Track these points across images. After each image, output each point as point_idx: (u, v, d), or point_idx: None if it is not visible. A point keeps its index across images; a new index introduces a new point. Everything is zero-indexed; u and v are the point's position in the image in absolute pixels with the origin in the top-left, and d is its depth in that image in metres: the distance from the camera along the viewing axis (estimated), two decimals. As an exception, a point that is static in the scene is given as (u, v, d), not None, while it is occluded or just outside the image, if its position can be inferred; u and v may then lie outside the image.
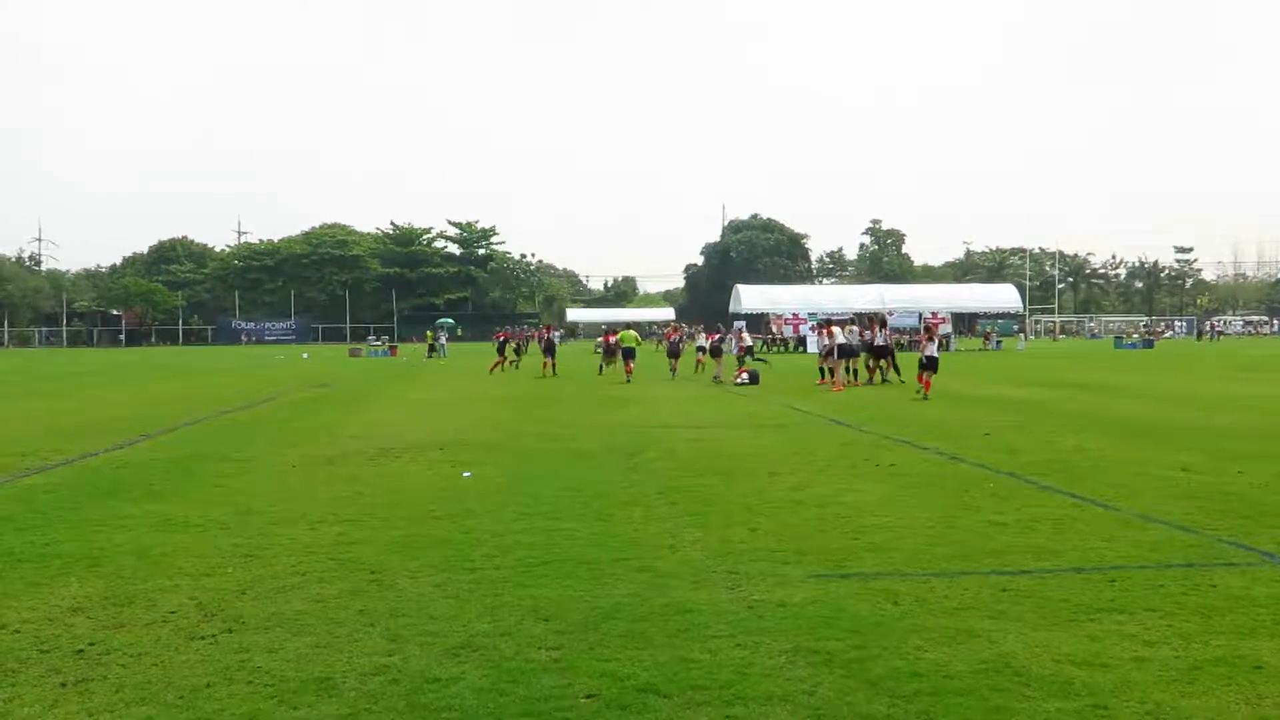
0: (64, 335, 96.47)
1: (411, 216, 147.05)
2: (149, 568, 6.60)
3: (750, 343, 33.01)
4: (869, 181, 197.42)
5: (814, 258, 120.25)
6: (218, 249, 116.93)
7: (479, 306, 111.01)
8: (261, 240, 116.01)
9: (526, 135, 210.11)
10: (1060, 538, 7.28)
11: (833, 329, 24.24)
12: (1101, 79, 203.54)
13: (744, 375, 25.48)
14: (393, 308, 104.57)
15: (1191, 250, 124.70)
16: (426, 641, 5.06)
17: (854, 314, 46.37)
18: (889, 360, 24.88)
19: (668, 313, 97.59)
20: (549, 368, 30.28)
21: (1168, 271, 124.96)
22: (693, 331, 37.01)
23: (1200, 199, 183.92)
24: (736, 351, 31.55)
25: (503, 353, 33.61)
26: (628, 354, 27.67)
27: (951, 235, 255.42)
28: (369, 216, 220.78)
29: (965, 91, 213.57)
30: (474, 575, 6.33)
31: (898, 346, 27.89)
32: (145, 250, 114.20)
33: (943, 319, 56.07)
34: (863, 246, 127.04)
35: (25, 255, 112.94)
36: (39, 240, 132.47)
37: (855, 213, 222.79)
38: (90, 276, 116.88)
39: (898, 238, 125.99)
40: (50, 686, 4.52)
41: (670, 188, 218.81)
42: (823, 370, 24.92)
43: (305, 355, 57.66)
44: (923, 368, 20.85)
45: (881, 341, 24.89)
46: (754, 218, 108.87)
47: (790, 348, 55.36)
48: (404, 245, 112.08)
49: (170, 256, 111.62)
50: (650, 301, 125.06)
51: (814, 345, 25.31)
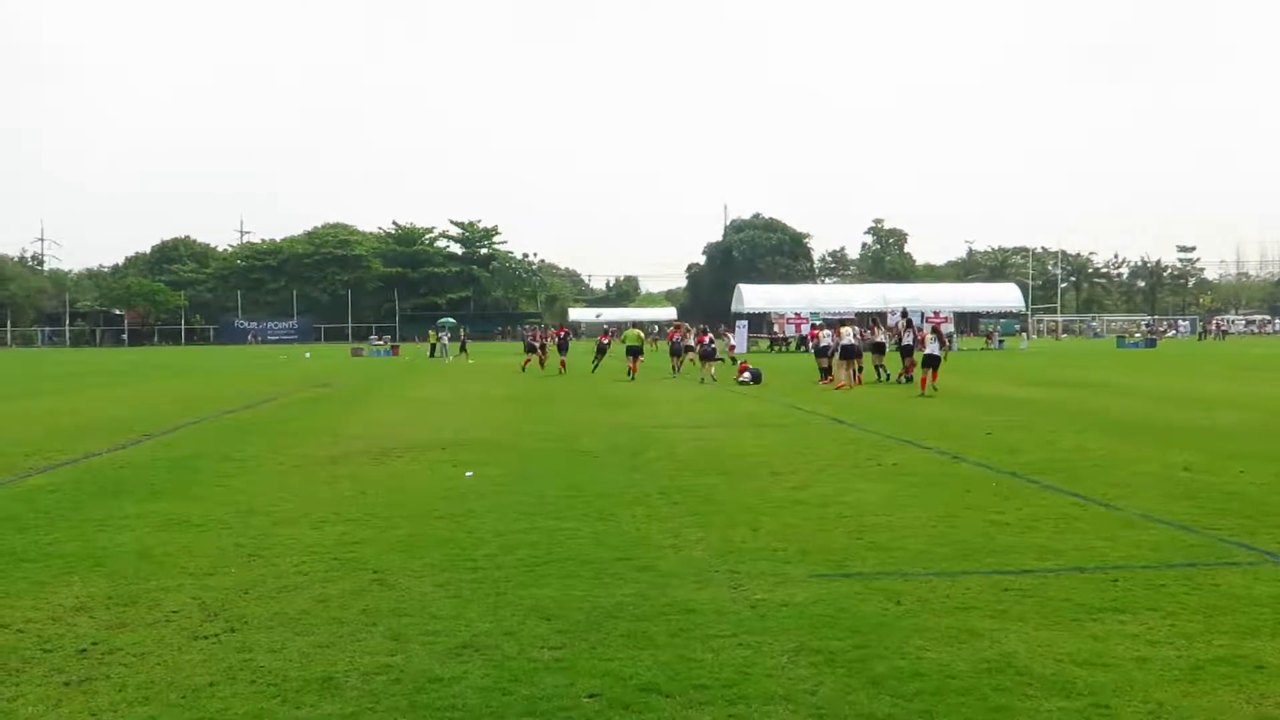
0: (67, 335, 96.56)
1: (413, 216, 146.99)
2: (152, 567, 6.61)
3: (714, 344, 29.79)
4: (871, 181, 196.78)
5: (816, 257, 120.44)
6: (220, 249, 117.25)
7: (481, 306, 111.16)
8: (264, 240, 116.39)
9: (527, 135, 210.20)
10: (1062, 537, 7.28)
11: (841, 330, 24.32)
12: (1102, 79, 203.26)
13: (746, 374, 25.47)
14: (395, 307, 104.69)
15: (1194, 249, 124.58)
16: (429, 641, 5.07)
17: (855, 314, 46.38)
18: (910, 359, 24.44)
19: (670, 312, 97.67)
20: (562, 365, 31.86)
21: (1170, 271, 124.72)
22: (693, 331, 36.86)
23: (1200, 199, 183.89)
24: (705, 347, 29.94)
25: (534, 350, 33.72)
26: (634, 352, 28.95)
27: (953, 235, 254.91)
28: (371, 216, 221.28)
29: (966, 91, 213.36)
30: (476, 575, 6.34)
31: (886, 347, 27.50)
32: (148, 250, 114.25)
33: (945, 318, 56.08)
34: (865, 246, 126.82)
35: (28, 255, 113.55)
36: (41, 240, 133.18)
37: (857, 212, 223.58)
38: (93, 276, 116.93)
39: (900, 237, 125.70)
40: (53, 686, 4.53)
41: (672, 187, 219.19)
42: (823, 369, 24.93)
43: (308, 355, 57.70)
44: (924, 365, 20.94)
45: (909, 341, 24.52)
46: (756, 217, 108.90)
47: (792, 347, 55.34)
48: (406, 245, 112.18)
49: (173, 256, 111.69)
50: (652, 301, 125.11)
51: (826, 341, 25.11)
